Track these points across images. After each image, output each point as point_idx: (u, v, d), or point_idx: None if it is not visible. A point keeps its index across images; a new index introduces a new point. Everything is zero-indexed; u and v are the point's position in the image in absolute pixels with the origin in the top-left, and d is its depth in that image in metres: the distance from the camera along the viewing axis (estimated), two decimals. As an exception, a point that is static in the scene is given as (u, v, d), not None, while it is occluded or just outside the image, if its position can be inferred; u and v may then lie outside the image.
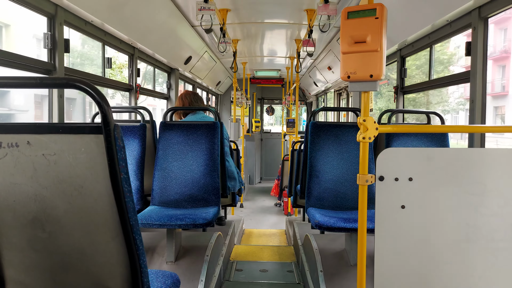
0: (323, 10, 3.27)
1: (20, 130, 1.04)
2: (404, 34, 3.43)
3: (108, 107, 1.01)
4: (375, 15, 1.49)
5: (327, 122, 3.27)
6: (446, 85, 3.28)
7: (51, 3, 2.42)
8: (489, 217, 1.45)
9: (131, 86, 3.94)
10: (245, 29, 5.21)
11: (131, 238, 1.10)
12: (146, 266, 1.17)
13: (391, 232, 1.47)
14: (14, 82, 1.07)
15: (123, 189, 1.05)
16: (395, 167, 1.45)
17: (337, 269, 2.62)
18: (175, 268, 2.64)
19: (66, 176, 1.04)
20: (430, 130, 2.71)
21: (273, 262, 3.59)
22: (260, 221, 6.48)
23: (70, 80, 1.04)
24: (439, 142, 2.99)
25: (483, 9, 2.45)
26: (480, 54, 2.51)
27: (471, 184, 1.45)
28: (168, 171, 2.94)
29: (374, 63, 1.50)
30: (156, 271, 1.60)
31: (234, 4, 4.08)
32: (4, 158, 1.05)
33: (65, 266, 1.15)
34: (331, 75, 6.74)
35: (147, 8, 3.38)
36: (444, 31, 2.98)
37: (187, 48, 5.11)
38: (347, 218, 2.43)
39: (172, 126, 3.02)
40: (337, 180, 2.88)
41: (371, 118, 1.51)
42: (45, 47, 2.50)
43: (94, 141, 1.02)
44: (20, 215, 1.09)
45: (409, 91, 3.91)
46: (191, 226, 2.46)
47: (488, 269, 1.46)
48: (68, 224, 1.09)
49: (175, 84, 5.32)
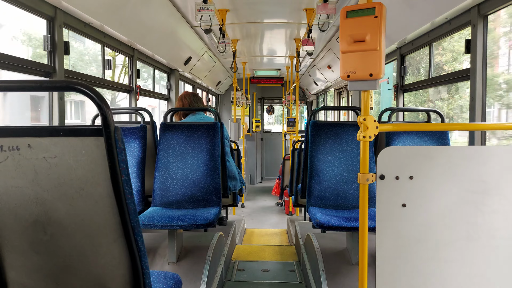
0: (322, 9, 3.27)
1: (20, 133, 1.04)
2: (403, 32, 3.43)
3: (108, 109, 1.01)
4: (374, 14, 1.49)
5: (327, 121, 3.27)
6: (446, 83, 3.28)
7: (50, 6, 2.43)
8: (490, 215, 1.45)
9: (131, 87, 3.94)
10: (245, 29, 5.21)
11: (132, 239, 1.10)
12: (148, 268, 1.18)
13: (392, 231, 1.47)
14: (14, 85, 1.07)
15: (124, 191, 1.05)
16: (395, 165, 1.45)
17: (338, 268, 2.62)
18: (177, 269, 2.64)
19: (67, 179, 1.05)
20: (430, 128, 2.71)
21: (274, 262, 3.60)
22: (261, 221, 6.48)
23: (70, 83, 1.04)
24: (439, 140, 2.99)
25: (482, 7, 2.45)
26: (479, 51, 2.51)
27: (472, 182, 1.45)
28: (169, 172, 2.94)
29: (373, 62, 1.50)
30: (158, 272, 1.60)
31: (233, 4, 4.08)
32: (5, 162, 1.05)
33: (66, 268, 1.16)
34: (331, 74, 6.74)
35: (146, 9, 3.38)
36: (444, 29, 2.98)
37: (187, 49, 5.12)
38: (348, 217, 2.43)
39: (173, 127, 3.03)
40: (338, 179, 2.88)
41: (371, 117, 1.51)
42: (45, 49, 2.50)
43: (95, 143, 1.02)
44: (21, 218, 1.09)
45: (409, 90, 3.91)
46: (192, 227, 2.46)
47: (490, 267, 1.46)
48: (70, 227, 1.09)
49: (175, 85, 5.32)
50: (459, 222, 1.46)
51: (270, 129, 11.48)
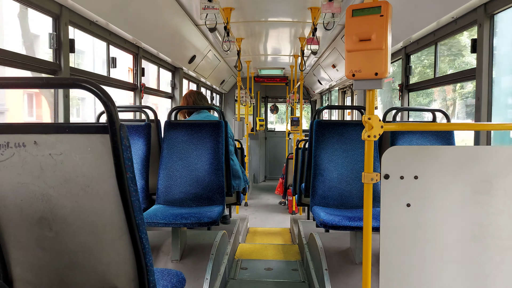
0: (327, 8, 3.26)
1: (27, 130, 1.04)
2: (409, 32, 3.41)
3: (114, 106, 1.02)
4: (380, 12, 1.48)
5: (331, 120, 3.26)
6: (451, 83, 3.27)
7: (56, 3, 2.44)
8: (495, 215, 1.44)
9: (135, 85, 3.96)
10: (249, 28, 5.21)
11: (137, 236, 1.11)
12: (152, 265, 1.18)
13: (396, 231, 1.46)
14: (20, 82, 1.08)
15: (129, 188, 1.06)
16: (400, 165, 1.45)
17: (342, 268, 2.61)
18: (180, 267, 2.65)
19: (73, 176, 1.05)
20: (435, 128, 2.70)
21: (278, 261, 3.60)
22: (264, 220, 6.49)
23: (76, 80, 1.05)
24: (444, 140, 2.97)
25: (489, 6, 2.43)
26: (486, 51, 2.50)
27: (477, 183, 1.44)
28: (173, 170, 2.95)
29: (379, 61, 1.49)
30: (162, 270, 1.61)
31: (238, 2, 4.07)
32: (12, 158, 1.05)
33: (71, 265, 1.16)
34: (335, 73, 6.72)
35: (151, 7, 3.38)
36: (450, 28, 2.96)
37: (191, 47, 5.12)
38: (352, 217, 2.43)
39: (177, 125, 3.03)
40: (342, 178, 2.88)
41: (376, 116, 1.51)
42: (50, 47, 2.51)
43: (100, 140, 1.02)
44: (27, 214, 1.10)
45: (414, 89, 3.89)
46: (196, 225, 2.46)
47: (495, 267, 1.45)
48: (75, 223, 1.10)
49: (179, 83, 5.33)
50: (464, 222, 1.45)
51: (274, 128, 11.48)
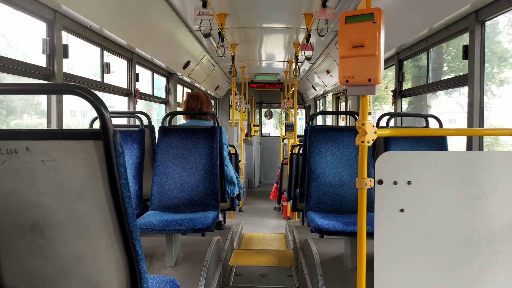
0: (321, 15, 3.28)
1: (19, 136, 1.03)
2: (401, 38, 3.45)
3: (107, 112, 1.01)
4: (373, 19, 1.49)
5: (325, 126, 3.28)
6: (444, 88, 3.30)
7: (50, 9, 2.43)
8: (488, 220, 1.45)
9: (129, 91, 3.95)
10: (243, 34, 5.23)
11: (130, 243, 1.10)
12: (146, 272, 1.17)
13: (390, 236, 1.47)
14: (13, 88, 1.07)
15: (123, 194, 1.05)
16: (394, 170, 1.45)
17: (336, 273, 2.61)
18: (174, 273, 2.63)
19: (65, 182, 1.04)
20: (428, 133, 2.72)
21: (272, 267, 3.58)
22: (259, 225, 6.47)
23: (69, 86, 1.04)
24: (437, 145, 2.99)
25: (480, 13, 2.47)
26: (477, 57, 2.53)
27: (470, 187, 1.45)
28: (167, 176, 2.94)
29: (372, 67, 1.51)
30: (156, 277, 1.59)
31: (232, 8, 4.09)
32: (3, 165, 1.04)
33: (64, 273, 1.15)
34: (329, 79, 6.75)
35: (145, 13, 3.39)
36: (442, 35, 3.00)
37: (186, 53, 5.13)
38: (347, 222, 2.43)
39: (171, 130, 3.02)
40: (336, 183, 2.88)
41: (370, 122, 1.52)
42: (44, 52, 2.50)
43: (94, 147, 1.02)
44: (19, 221, 1.09)
45: (407, 95, 3.93)
46: (190, 231, 2.45)
47: (488, 272, 1.46)
48: (67, 230, 1.09)
49: (174, 89, 5.33)
50: (457, 227, 1.46)
51: (269, 133, 11.49)
